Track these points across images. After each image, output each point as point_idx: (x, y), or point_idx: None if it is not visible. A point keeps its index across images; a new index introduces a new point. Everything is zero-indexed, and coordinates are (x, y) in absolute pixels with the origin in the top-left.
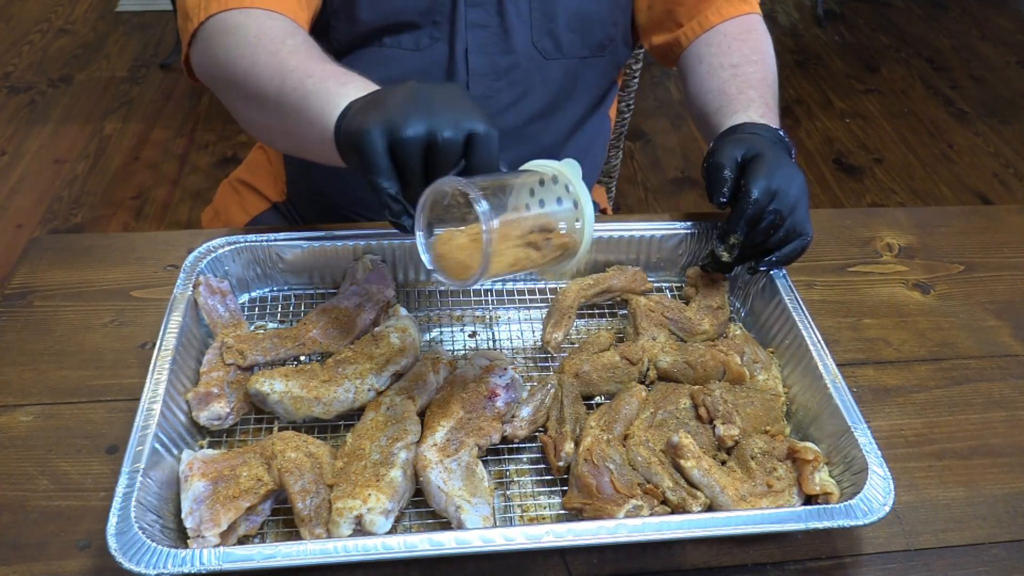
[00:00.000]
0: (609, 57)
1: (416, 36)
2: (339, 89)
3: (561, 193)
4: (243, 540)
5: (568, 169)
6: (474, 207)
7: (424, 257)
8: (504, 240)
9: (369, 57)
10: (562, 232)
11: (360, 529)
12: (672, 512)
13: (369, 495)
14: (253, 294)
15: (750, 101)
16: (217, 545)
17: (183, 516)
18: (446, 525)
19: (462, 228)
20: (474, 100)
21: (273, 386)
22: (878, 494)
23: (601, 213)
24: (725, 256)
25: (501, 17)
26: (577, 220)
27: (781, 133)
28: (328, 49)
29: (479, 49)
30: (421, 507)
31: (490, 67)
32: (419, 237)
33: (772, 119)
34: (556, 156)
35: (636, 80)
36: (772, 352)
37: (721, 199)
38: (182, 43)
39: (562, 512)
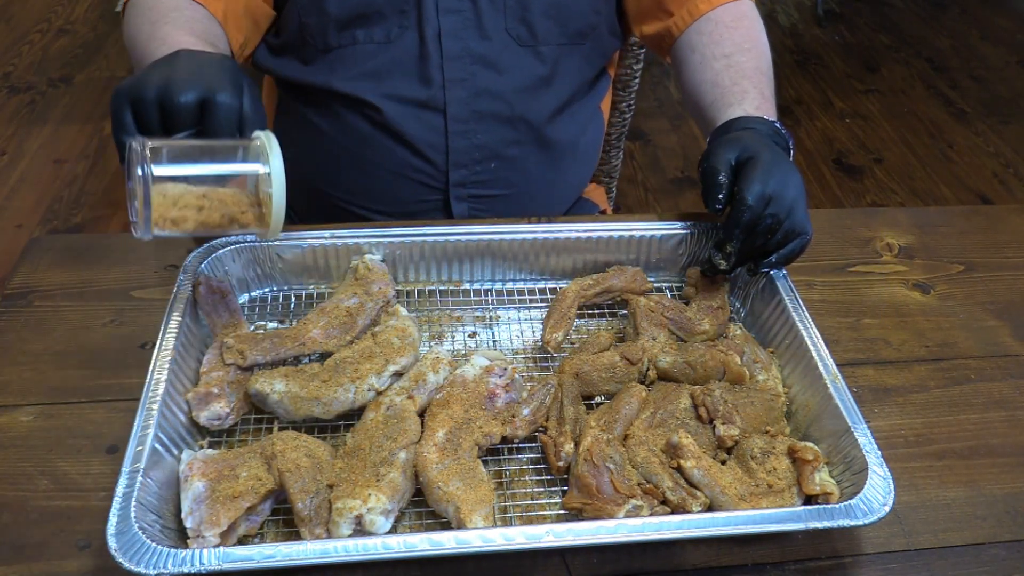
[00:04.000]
0: (591, 45)
1: (386, 27)
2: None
3: (257, 156)
4: (243, 540)
5: (268, 141)
6: (133, 161)
7: (132, 205)
8: (176, 194)
9: (347, 55)
10: (253, 200)
11: (360, 529)
12: (672, 512)
13: (369, 495)
14: (253, 294)
15: (744, 93)
16: (217, 545)
17: (183, 516)
18: (446, 525)
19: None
20: (233, 72)
21: (273, 386)
22: (878, 494)
23: (601, 213)
24: (723, 264)
25: (473, 2)
26: (269, 186)
27: (777, 125)
28: (307, 53)
29: (453, 34)
30: (421, 507)
31: (464, 51)
32: (130, 185)
33: (768, 109)
34: (541, 141)
35: (636, 80)
36: (772, 352)
37: (717, 206)
38: None
39: (562, 512)
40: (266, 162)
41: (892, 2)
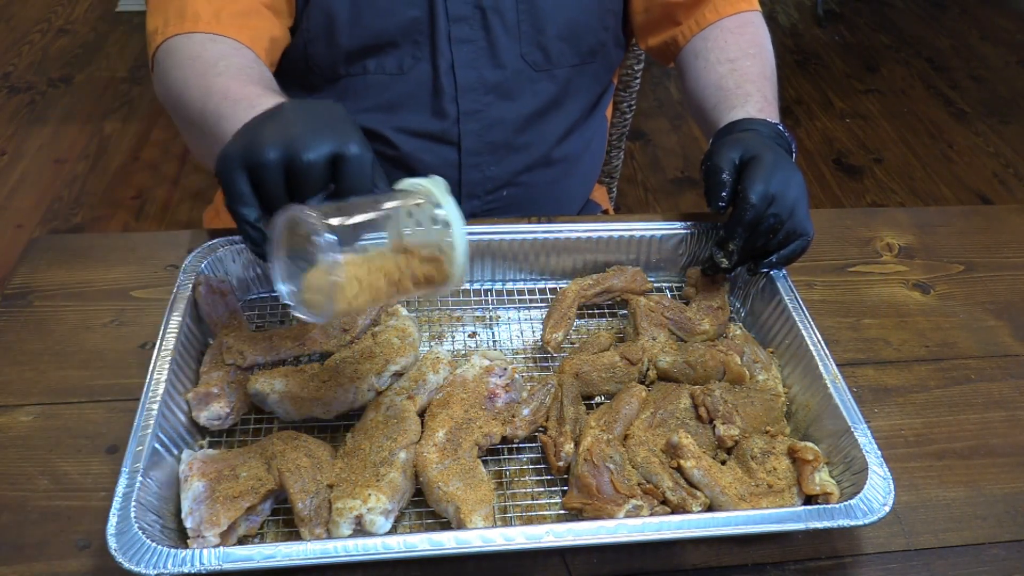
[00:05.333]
0: (600, 61)
1: (398, 57)
2: (247, 112)
3: (430, 213)
4: (243, 540)
5: (435, 187)
6: (312, 240)
7: (279, 288)
8: (360, 269)
9: (357, 86)
10: (432, 255)
11: (360, 529)
12: (672, 512)
13: (369, 495)
14: (253, 294)
15: (748, 96)
16: (217, 545)
17: (183, 516)
18: (446, 525)
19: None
20: (350, 119)
21: (273, 386)
22: (878, 494)
23: (603, 213)
24: (724, 263)
25: (487, 32)
26: (448, 238)
27: (780, 127)
28: (312, 80)
29: (466, 64)
30: (421, 507)
31: (478, 81)
32: (273, 267)
33: (771, 113)
34: (550, 162)
35: (636, 80)
36: (772, 352)
37: (719, 204)
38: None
39: (562, 512)
40: (444, 211)
41: (892, 2)
